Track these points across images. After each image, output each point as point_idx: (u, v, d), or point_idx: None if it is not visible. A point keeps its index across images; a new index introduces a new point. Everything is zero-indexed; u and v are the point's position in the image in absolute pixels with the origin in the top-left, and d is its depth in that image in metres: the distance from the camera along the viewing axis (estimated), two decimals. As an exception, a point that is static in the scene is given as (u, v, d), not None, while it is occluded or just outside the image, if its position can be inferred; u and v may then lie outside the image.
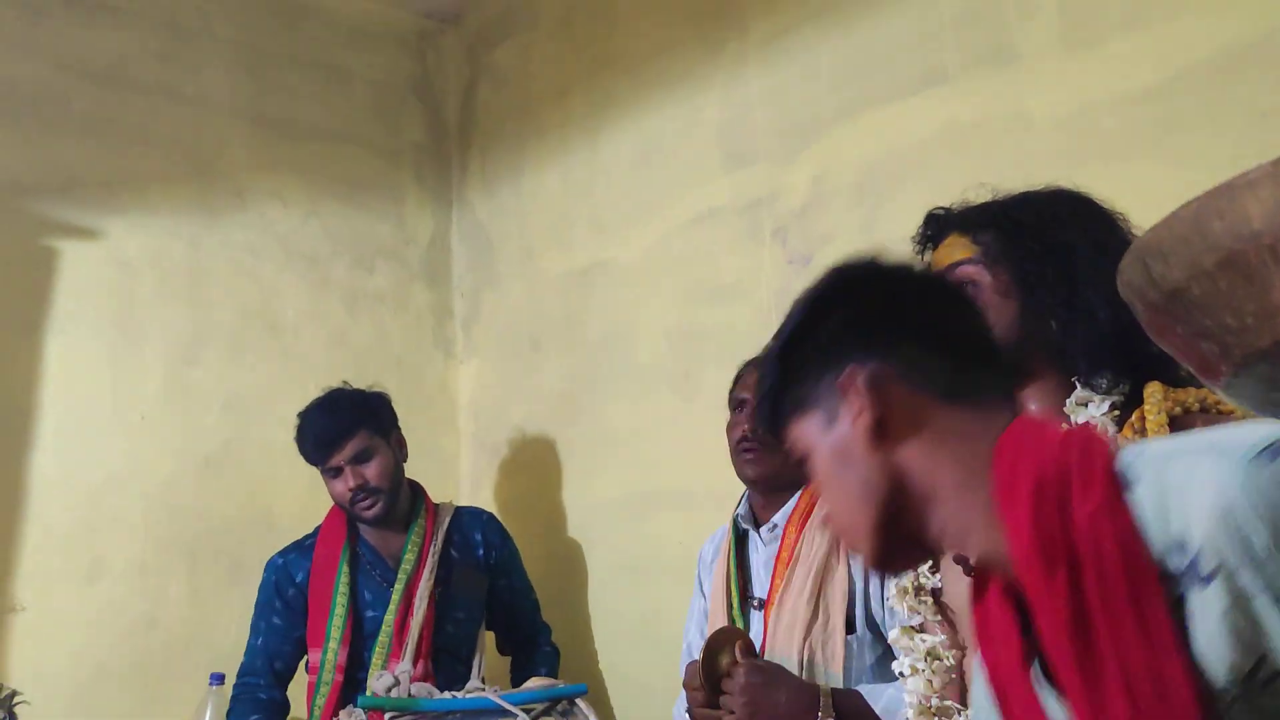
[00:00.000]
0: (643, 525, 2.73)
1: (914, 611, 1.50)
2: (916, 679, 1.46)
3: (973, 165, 2.06)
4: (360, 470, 2.40)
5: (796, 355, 1.03)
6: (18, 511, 2.55)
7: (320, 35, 3.25)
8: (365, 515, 2.43)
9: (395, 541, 2.49)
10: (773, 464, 2.01)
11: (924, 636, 1.47)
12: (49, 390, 2.63)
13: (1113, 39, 1.91)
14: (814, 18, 2.42)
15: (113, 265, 2.76)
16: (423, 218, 3.40)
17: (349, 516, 2.49)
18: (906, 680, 1.47)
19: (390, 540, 2.49)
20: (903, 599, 1.51)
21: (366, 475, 2.40)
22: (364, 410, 2.47)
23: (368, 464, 2.41)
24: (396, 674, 2.26)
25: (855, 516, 0.98)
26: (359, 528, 2.50)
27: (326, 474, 2.44)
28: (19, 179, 2.66)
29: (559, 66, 3.12)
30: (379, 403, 2.52)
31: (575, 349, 2.96)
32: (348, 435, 2.40)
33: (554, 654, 2.67)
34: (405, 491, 2.53)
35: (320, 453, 2.42)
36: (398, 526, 2.50)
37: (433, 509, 2.56)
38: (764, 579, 2.01)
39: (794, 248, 2.42)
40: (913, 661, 1.46)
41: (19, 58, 2.70)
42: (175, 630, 2.71)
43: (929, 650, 1.45)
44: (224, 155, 3.00)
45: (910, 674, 1.47)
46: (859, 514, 0.97)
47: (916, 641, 1.47)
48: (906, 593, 1.50)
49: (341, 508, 2.48)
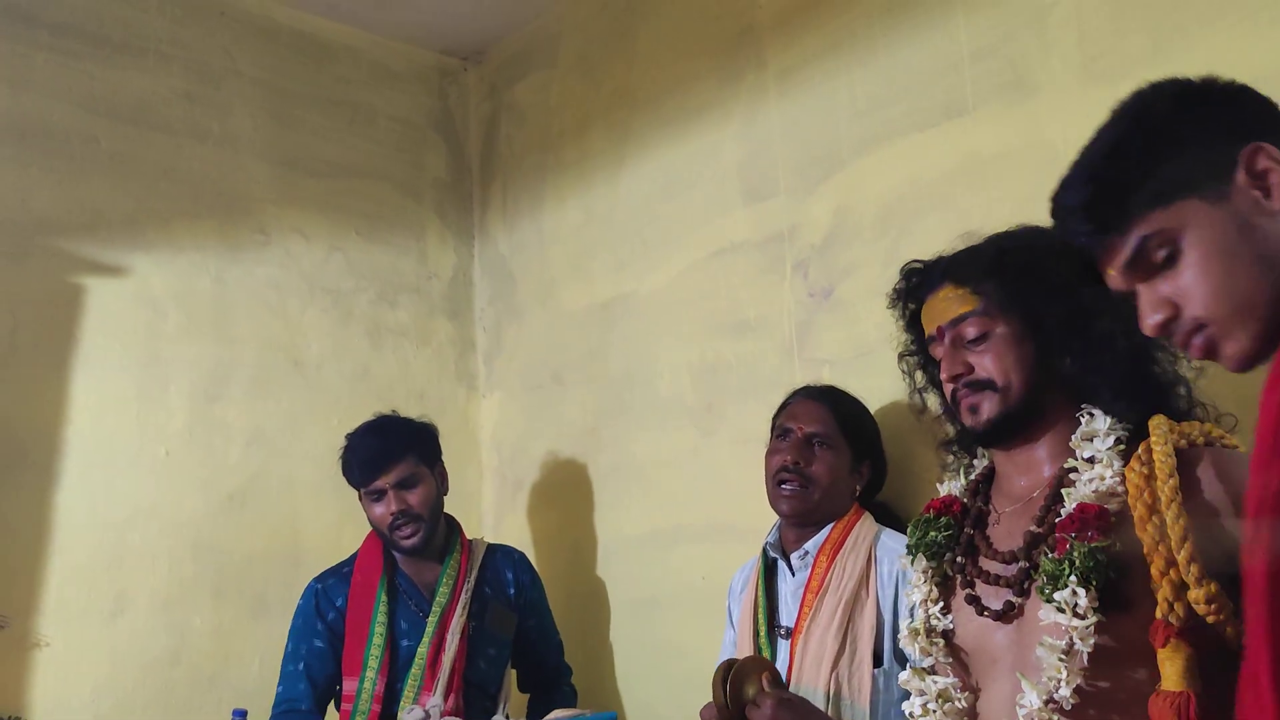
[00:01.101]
0: (665, 558, 2.71)
1: (925, 654, 1.49)
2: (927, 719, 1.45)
3: (994, 197, 2.06)
4: (404, 495, 2.41)
5: (1155, 148, 1.08)
6: (43, 546, 2.56)
7: (343, 74, 3.29)
8: (403, 543, 2.42)
9: (430, 573, 2.49)
10: (809, 500, 2.00)
11: (935, 678, 1.46)
12: (75, 425, 2.65)
13: (1134, 70, 1.90)
14: (833, 50, 2.43)
15: (138, 302, 2.79)
16: (445, 252, 3.42)
17: (385, 546, 2.48)
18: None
19: (425, 572, 2.49)
20: (914, 640, 1.50)
21: (410, 501, 2.41)
22: (413, 437, 2.48)
23: (412, 490, 2.42)
24: (427, 708, 2.26)
25: (1253, 292, 1.01)
26: (395, 558, 2.49)
27: (368, 496, 2.44)
28: (47, 217, 2.69)
29: (579, 102, 3.14)
30: (428, 433, 2.54)
31: (597, 382, 2.96)
32: (395, 459, 2.41)
33: (573, 695, 2.67)
34: (442, 523, 2.54)
35: (366, 474, 2.42)
36: (434, 558, 2.50)
37: (467, 544, 2.56)
38: (791, 608, 2.00)
39: (815, 281, 2.42)
40: (924, 703, 1.45)
41: (48, 98, 2.74)
42: (199, 665, 2.71)
43: (940, 692, 1.44)
44: (248, 192, 3.03)
45: (921, 714, 1.46)
46: (1257, 288, 1.01)
47: (928, 683, 1.46)
48: (918, 634, 1.49)
49: (379, 534, 2.47)
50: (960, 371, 1.46)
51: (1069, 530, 1.31)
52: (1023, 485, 1.46)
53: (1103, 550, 1.28)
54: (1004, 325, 1.43)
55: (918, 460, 2.18)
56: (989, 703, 1.41)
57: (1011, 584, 1.39)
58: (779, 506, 2.04)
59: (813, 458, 2.02)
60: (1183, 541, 1.22)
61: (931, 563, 1.52)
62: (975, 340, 1.45)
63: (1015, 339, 1.43)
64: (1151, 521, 1.25)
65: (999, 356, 1.44)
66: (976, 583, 1.45)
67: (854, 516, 2.03)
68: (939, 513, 1.54)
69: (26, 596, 2.52)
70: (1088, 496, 1.33)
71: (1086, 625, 1.27)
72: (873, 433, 2.13)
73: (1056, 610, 1.29)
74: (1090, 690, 1.28)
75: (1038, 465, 1.45)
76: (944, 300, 1.49)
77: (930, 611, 1.49)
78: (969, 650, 1.46)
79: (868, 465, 2.09)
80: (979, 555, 1.47)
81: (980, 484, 1.54)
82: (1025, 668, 1.34)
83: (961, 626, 1.47)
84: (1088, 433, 1.37)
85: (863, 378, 2.28)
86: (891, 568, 1.94)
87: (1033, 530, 1.39)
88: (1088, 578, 1.27)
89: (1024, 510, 1.44)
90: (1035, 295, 1.41)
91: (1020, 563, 1.39)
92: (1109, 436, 1.35)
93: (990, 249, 1.50)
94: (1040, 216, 1.53)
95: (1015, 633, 1.39)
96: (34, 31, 2.74)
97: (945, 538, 1.51)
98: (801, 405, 2.10)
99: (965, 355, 1.46)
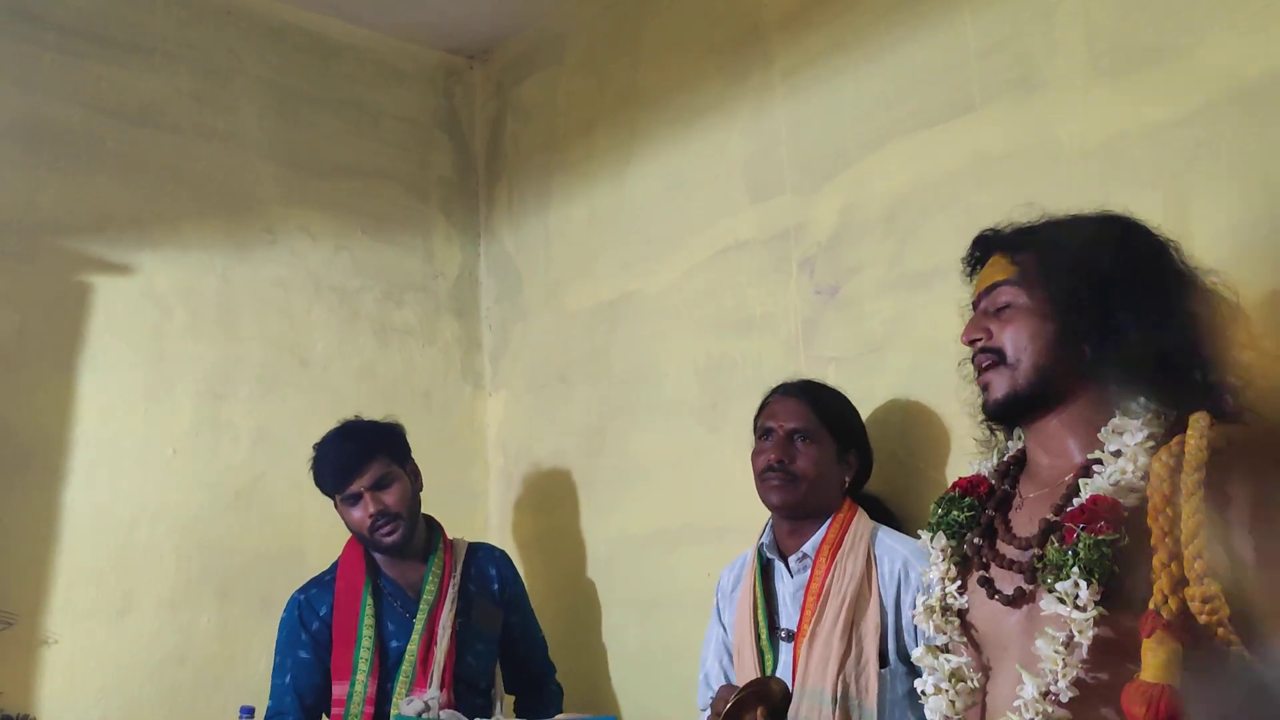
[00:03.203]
0: (669, 558, 2.71)
1: (940, 631, 1.48)
2: (939, 698, 1.44)
3: (1002, 195, 2.05)
4: (380, 496, 2.41)
5: None
6: (50, 545, 2.57)
7: (349, 73, 3.30)
8: (384, 541, 2.42)
9: (414, 573, 2.49)
10: (797, 492, 2.00)
11: (949, 657, 1.45)
12: (82, 425, 2.65)
13: (1141, 67, 1.90)
14: (839, 48, 2.43)
15: (145, 301, 2.79)
16: (451, 251, 3.42)
17: (366, 550, 2.49)
18: (929, 699, 1.45)
19: (409, 572, 2.49)
20: (929, 618, 1.49)
21: (387, 501, 2.41)
22: (382, 438, 2.48)
23: (387, 490, 2.42)
24: (426, 699, 2.26)
25: None
26: (378, 561, 2.50)
27: (345, 502, 2.44)
28: (54, 216, 2.70)
29: (585, 101, 3.14)
30: (396, 433, 2.53)
31: (602, 381, 2.96)
32: (368, 461, 2.41)
33: (559, 693, 2.67)
34: (422, 524, 2.54)
35: (340, 479, 2.42)
36: (416, 558, 2.50)
37: (449, 543, 2.57)
38: (792, 611, 1.99)
39: (821, 279, 2.42)
40: (936, 681, 1.44)
41: (55, 99, 2.74)
42: (205, 664, 2.72)
43: (953, 671, 1.43)
44: (255, 192, 3.04)
45: (934, 693, 1.45)
46: None
47: (941, 661, 1.45)
48: (933, 611, 1.49)
49: (359, 537, 2.47)
50: (977, 336, 1.46)
51: (1077, 521, 1.30)
52: (1049, 472, 1.45)
53: (1109, 543, 1.27)
54: (1030, 299, 1.43)
55: (922, 457, 2.18)
56: (995, 688, 1.41)
57: (1024, 570, 1.39)
58: (768, 499, 2.04)
59: (796, 453, 2.02)
60: (1194, 536, 1.20)
61: (951, 541, 1.51)
62: (1002, 308, 1.45)
63: (1038, 315, 1.42)
64: (1164, 512, 1.24)
65: (1017, 329, 1.43)
66: (991, 565, 1.44)
67: (849, 513, 2.03)
68: (964, 492, 1.54)
69: (34, 595, 2.52)
70: (1104, 489, 1.32)
71: (1086, 618, 1.26)
72: (855, 421, 2.13)
73: (1058, 601, 1.29)
74: (1090, 684, 1.27)
75: (1067, 454, 1.44)
76: (990, 267, 1.49)
77: (947, 589, 1.48)
78: (981, 632, 1.45)
79: (854, 454, 2.08)
80: (997, 538, 1.46)
81: (1011, 466, 1.53)
82: (1029, 658, 1.34)
83: (975, 608, 1.46)
84: (1118, 426, 1.36)
85: (869, 375, 2.28)
86: (892, 567, 1.94)
87: (1049, 518, 1.38)
88: (1090, 570, 1.26)
89: (1047, 498, 1.43)
90: (1068, 276, 1.41)
91: (1034, 549, 1.38)
92: (1140, 432, 1.33)
93: (1042, 225, 1.50)
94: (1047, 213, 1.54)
95: (1025, 620, 1.38)
96: (41, 32, 2.74)
97: (967, 518, 1.51)
98: (780, 403, 2.10)
99: (988, 322, 1.46)
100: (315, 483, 2.48)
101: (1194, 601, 1.19)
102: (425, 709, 2.25)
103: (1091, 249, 1.41)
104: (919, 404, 2.19)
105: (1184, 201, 1.80)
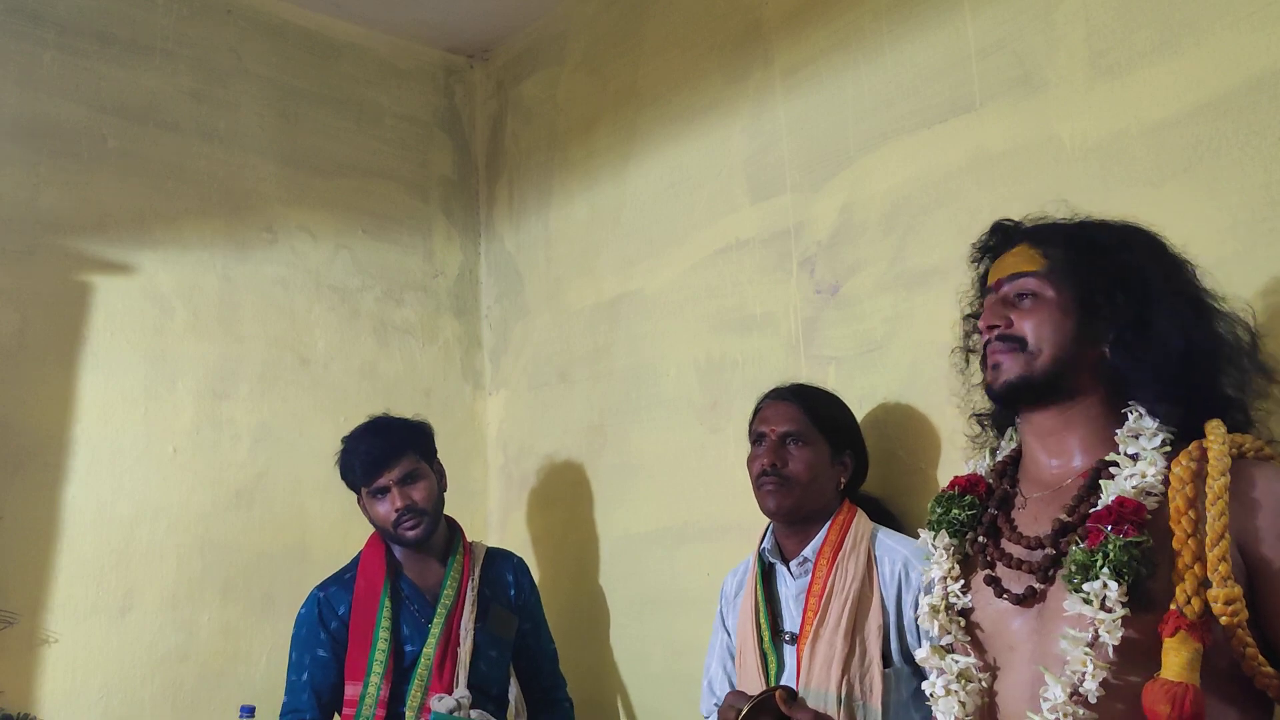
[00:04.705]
0: (671, 557, 2.71)
1: (944, 631, 1.48)
2: (949, 700, 1.43)
3: (1002, 193, 2.06)
4: (408, 491, 2.42)
5: None
6: (51, 543, 2.57)
7: (350, 72, 3.30)
8: (408, 535, 2.43)
9: (433, 575, 2.49)
10: (792, 496, 2.00)
11: (955, 657, 1.45)
12: (83, 423, 2.66)
13: (1142, 65, 1.90)
14: (839, 47, 2.43)
15: (146, 300, 2.80)
16: (451, 250, 3.42)
17: (388, 547, 2.49)
18: (938, 701, 1.44)
19: (428, 573, 2.49)
20: (933, 618, 1.48)
21: (414, 496, 2.43)
22: (412, 434, 2.50)
23: (415, 485, 2.44)
24: (458, 698, 2.29)
25: None
26: (399, 562, 2.50)
27: (372, 495, 2.45)
28: (55, 215, 2.70)
29: (585, 99, 3.14)
30: (425, 431, 2.56)
31: (603, 380, 2.97)
32: (398, 455, 2.43)
33: (570, 708, 2.66)
34: (442, 524, 2.54)
35: (370, 472, 2.43)
36: (435, 557, 2.51)
37: (468, 545, 2.57)
38: (794, 614, 1.99)
39: (822, 277, 2.42)
40: (945, 683, 1.44)
41: (56, 97, 2.75)
42: (207, 662, 2.72)
43: (962, 672, 1.43)
44: (255, 191, 3.04)
45: (944, 695, 1.44)
46: None
47: (948, 661, 1.44)
48: (937, 611, 1.48)
49: (383, 532, 2.48)
50: (998, 324, 1.46)
51: (1104, 522, 1.30)
52: (1053, 472, 1.45)
53: (1137, 545, 1.27)
54: (1056, 293, 1.43)
55: (922, 456, 2.18)
56: (1006, 689, 1.40)
57: (1035, 570, 1.38)
58: (765, 505, 2.04)
59: (789, 457, 2.02)
60: (1219, 539, 1.23)
61: (953, 540, 1.51)
62: (1025, 298, 1.45)
63: (1062, 309, 1.42)
64: (1187, 515, 1.26)
65: (1040, 321, 1.43)
66: (997, 565, 1.44)
67: (848, 515, 2.03)
68: (964, 490, 1.54)
69: (35, 593, 2.53)
70: (1127, 491, 1.32)
71: (1114, 619, 1.26)
72: (848, 422, 2.13)
73: (1083, 601, 1.28)
74: (1116, 684, 1.27)
75: (1069, 453, 1.44)
76: (1014, 256, 1.49)
77: (950, 589, 1.48)
78: (986, 632, 1.45)
79: (849, 455, 2.09)
80: (1001, 538, 1.46)
81: (1008, 466, 1.53)
82: (1046, 658, 1.33)
83: (980, 608, 1.46)
84: (1134, 429, 1.37)
85: (869, 374, 2.28)
86: (893, 567, 1.94)
87: (1063, 519, 1.38)
88: (1120, 571, 1.26)
89: (1053, 498, 1.43)
90: (1096, 275, 1.41)
91: (1046, 550, 1.38)
92: (1155, 436, 1.35)
93: (1075, 224, 1.50)
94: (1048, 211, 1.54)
95: (1035, 620, 1.38)
96: (41, 30, 2.75)
97: (968, 516, 1.51)
98: (772, 408, 2.10)
99: (1009, 311, 1.46)
100: (342, 476, 2.49)
101: (1216, 603, 1.22)
102: (457, 707, 2.28)
103: (1123, 253, 1.42)
104: (919, 403, 2.20)
105: (1184, 201, 1.80)
